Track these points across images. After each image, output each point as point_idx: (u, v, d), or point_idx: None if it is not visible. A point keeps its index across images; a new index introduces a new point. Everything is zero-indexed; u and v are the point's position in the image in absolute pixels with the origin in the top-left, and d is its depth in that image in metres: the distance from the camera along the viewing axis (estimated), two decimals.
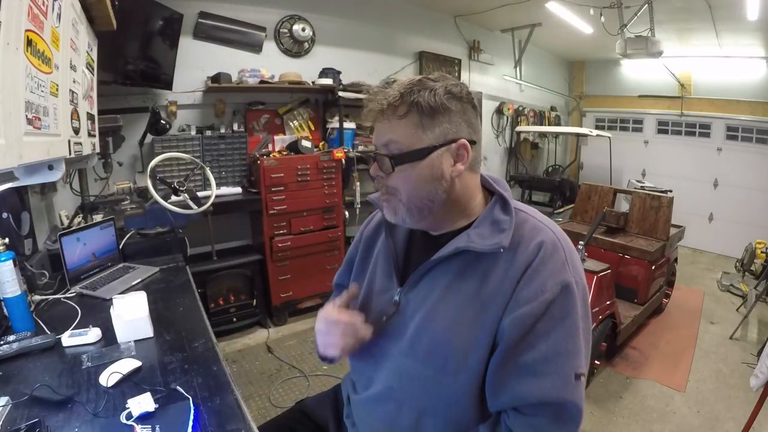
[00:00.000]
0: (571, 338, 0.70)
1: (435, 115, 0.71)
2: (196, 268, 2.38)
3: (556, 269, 0.71)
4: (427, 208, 0.75)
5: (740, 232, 4.58)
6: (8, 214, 1.48)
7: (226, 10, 3.00)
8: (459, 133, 0.73)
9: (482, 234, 0.73)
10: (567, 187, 4.86)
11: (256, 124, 3.22)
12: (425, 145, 0.72)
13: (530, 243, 0.72)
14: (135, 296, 1.23)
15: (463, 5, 4.11)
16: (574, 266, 0.73)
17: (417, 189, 0.74)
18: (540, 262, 0.71)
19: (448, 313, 0.75)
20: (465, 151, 0.73)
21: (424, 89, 0.71)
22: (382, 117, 0.73)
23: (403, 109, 0.71)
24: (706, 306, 3.45)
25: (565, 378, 0.69)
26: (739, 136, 4.94)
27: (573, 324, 0.70)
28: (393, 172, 0.73)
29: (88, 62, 1.52)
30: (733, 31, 4.00)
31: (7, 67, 0.72)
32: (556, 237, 0.74)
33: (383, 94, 0.73)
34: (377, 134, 0.75)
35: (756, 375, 1.62)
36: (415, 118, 0.71)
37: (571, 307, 0.70)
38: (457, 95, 0.73)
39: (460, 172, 0.74)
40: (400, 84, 0.74)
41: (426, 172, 0.73)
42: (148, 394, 0.85)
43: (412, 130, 0.72)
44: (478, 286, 0.73)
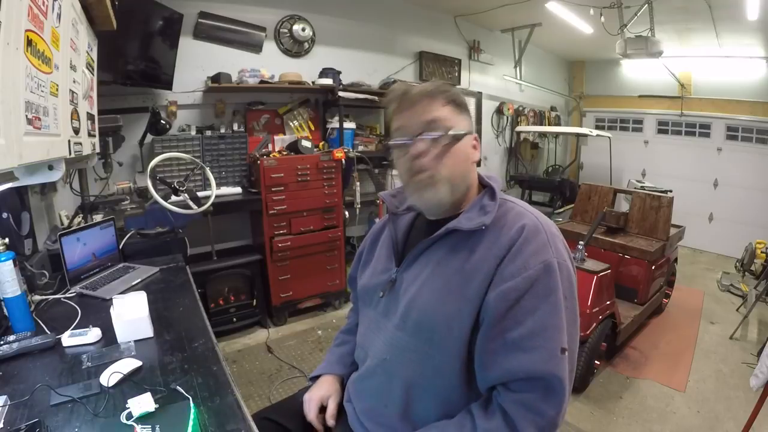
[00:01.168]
0: (556, 314, 0.74)
1: (463, 109, 0.86)
2: (196, 268, 2.38)
3: (538, 249, 0.76)
4: (462, 188, 0.85)
5: (740, 232, 4.58)
6: (8, 214, 1.48)
7: (226, 10, 3.00)
8: (472, 129, 0.87)
9: (470, 217, 0.82)
10: (567, 187, 4.86)
11: (256, 124, 3.22)
12: (464, 130, 0.83)
13: (513, 225, 0.79)
14: (135, 296, 1.23)
15: (463, 5, 4.11)
16: (557, 248, 0.78)
17: (458, 166, 0.83)
18: (523, 241, 0.77)
19: (435, 286, 0.81)
20: (477, 143, 0.87)
21: (452, 88, 0.86)
22: (422, 103, 0.82)
23: (443, 99, 0.83)
24: (706, 306, 3.45)
25: (551, 351, 0.73)
26: (739, 136, 4.94)
27: (557, 301, 0.74)
28: (440, 146, 0.81)
29: (88, 62, 1.52)
30: (733, 31, 4.00)
31: (7, 67, 0.72)
32: (539, 221, 0.80)
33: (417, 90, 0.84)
34: (414, 117, 0.82)
35: (756, 375, 1.62)
36: (453, 108, 0.84)
37: (555, 284, 0.75)
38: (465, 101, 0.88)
39: (477, 159, 0.87)
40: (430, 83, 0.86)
41: (463, 153, 0.83)
42: (148, 394, 0.85)
43: (454, 113, 0.83)
44: (463, 261, 0.80)
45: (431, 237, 0.84)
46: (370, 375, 0.91)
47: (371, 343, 0.93)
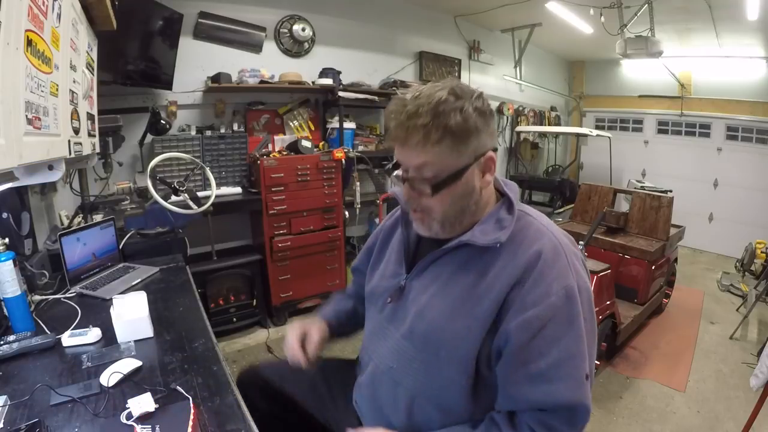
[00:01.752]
0: (581, 341, 0.73)
1: (467, 137, 0.72)
2: (196, 268, 2.37)
3: (559, 274, 0.73)
4: (459, 222, 0.79)
5: (740, 232, 4.58)
6: (8, 214, 1.48)
7: (226, 10, 3.00)
8: (485, 147, 0.75)
9: (485, 230, 0.77)
10: (567, 187, 4.86)
11: (256, 124, 3.22)
12: (460, 167, 0.73)
13: (531, 246, 0.75)
14: (135, 296, 1.23)
15: (463, 5, 4.11)
16: (577, 271, 0.75)
17: (453, 206, 0.77)
18: (543, 266, 0.73)
19: (446, 303, 0.78)
20: (492, 162, 0.76)
21: (454, 110, 0.70)
22: (413, 142, 0.71)
23: (437, 135, 0.70)
24: (706, 306, 3.45)
25: (577, 380, 0.72)
26: (739, 136, 4.94)
27: (580, 326, 0.73)
28: (431, 194, 0.74)
29: (88, 62, 1.52)
30: (733, 31, 4.00)
31: (7, 67, 0.72)
32: (558, 242, 0.76)
33: (407, 116, 0.71)
34: (407, 155, 0.74)
35: (756, 375, 1.62)
36: (449, 143, 0.71)
37: (577, 310, 0.72)
38: (482, 110, 0.73)
39: (488, 183, 0.78)
40: (425, 103, 0.70)
41: (461, 191, 0.75)
42: (148, 394, 0.85)
43: (447, 153, 0.71)
44: (476, 280, 0.76)
45: (443, 248, 0.80)
46: (376, 382, 0.90)
47: (376, 348, 0.91)
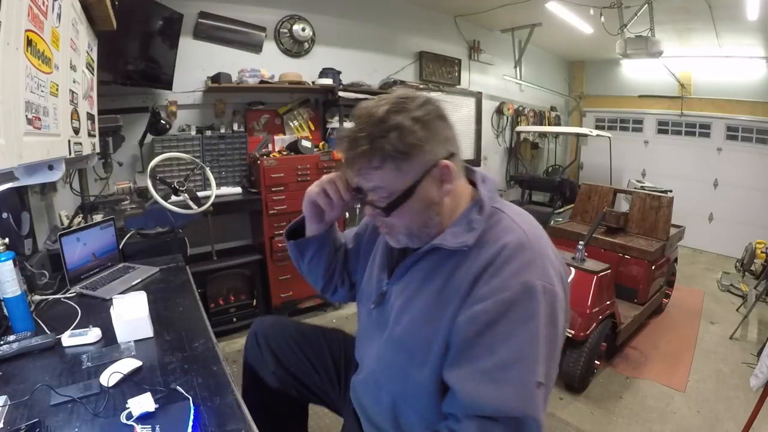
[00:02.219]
0: (534, 343, 0.67)
1: (409, 155, 0.71)
2: (196, 268, 2.37)
3: (519, 268, 0.69)
4: (425, 233, 0.79)
5: (740, 232, 4.58)
6: (8, 214, 1.48)
7: (226, 10, 3.00)
8: (437, 156, 0.73)
9: (455, 233, 0.76)
10: (567, 187, 4.86)
11: (256, 124, 3.22)
12: (409, 185, 0.73)
13: (497, 242, 0.73)
14: (135, 296, 1.23)
15: (463, 5, 4.11)
16: (544, 269, 0.71)
17: (413, 220, 0.77)
18: (503, 260, 0.70)
19: (418, 307, 0.79)
20: (447, 170, 0.74)
21: (392, 131, 0.69)
22: (359, 171, 0.74)
23: (377, 160, 0.71)
24: (706, 306, 3.45)
25: (526, 386, 0.66)
26: (739, 136, 4.94)
27: (536, 328, 0.67)
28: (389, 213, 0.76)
29: (88, 62, 1.52)
30: (733, 31, 4.00)
31: (7, 67, 0.72)
32: (526, 237, 0.73)
33: (349, 143, 0.72)
34: (359, 180, 0.76)
35: (756, 375, 1.62)
36: (391, 165, 0.71)
37: (535, 309, 0.67)
38: (424, 119, 0.71)
39: (449, 191, 0.76)
40: (364, 126, 0.71)
41: (417, 205, 0.75)
42: (148, 394, 0.85)
43: (391, 176, 0.72)
44: (444, 283, 0.76)
45: (417, 252, 0.81)
46: (364, 383, 0.92)
47: (365, 350, 0.94)
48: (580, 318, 2.13)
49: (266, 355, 1.10)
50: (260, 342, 1.13)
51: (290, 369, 1.10)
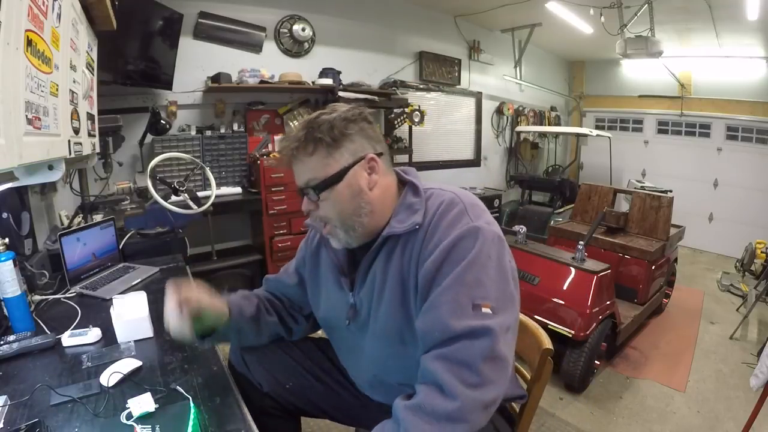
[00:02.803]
0: (470, 270, 0.73)
1: (338, 143, 0.80)
2: (196, 268, 2.38)
3: (453, 220, 0.78)
4: (359, 223, 0.83)
5: (740, 232, 4.58)
6: (8, 214, 1.48)
7: (226, 10, 3.00)
8: (365, 150, 0.83)
9: (401, 219, 0.83)
10: (567, 187, 4.86)
11: (256, 124, 3.22)
12: (338, 169, 0.80)
13: (431, 208, 0.81)
14: (135, 296, 1.23)
15: (463, 5, 4.11)
16: (475, 214, 0.79)
17: (344, 209, 0.82)
18: (438, 217, 0.79)
19: (388, 295, 0.83)
20: (375, 162, 0.83)
21: (322, 123, 0.80)
22: (296, 159, 0.82)
23: (310, 147, 0.80)
24: (706, 306, 3.45)
25: (461, 305, 0.71)
26: (739, 136, 4.94)
27: (474, 258, 0.73)
28: (320, 201, 0.82)
29: (88, 62, 1.52)
30: (733, 31, 4.00)
31: (7, 67, 0.72)
32: (455, 195, 0.82)
33: (289, 139, 0.82)
34: (297, 176, 0.84)
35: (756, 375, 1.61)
36: (322, 151, 0.80)
37: (471, 245, 0.74)
38: (352, 118, 0.82)
39: (376, 182, 0.83)
40: (301, 124, 0.82)
41: (346, 192, 0.81)
42: (148, 394, 0.85)
43: (322, 161, 0.81)
44: (400, 262, 0.82)
45: (371, 250, 0.85)
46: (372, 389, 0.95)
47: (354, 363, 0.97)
48: (580, 318, 2.13)
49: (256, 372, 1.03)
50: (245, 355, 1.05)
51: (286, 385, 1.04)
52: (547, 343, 0.96)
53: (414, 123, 4.04)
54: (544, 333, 1.00)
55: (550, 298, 2.26)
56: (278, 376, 1.04)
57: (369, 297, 0.87)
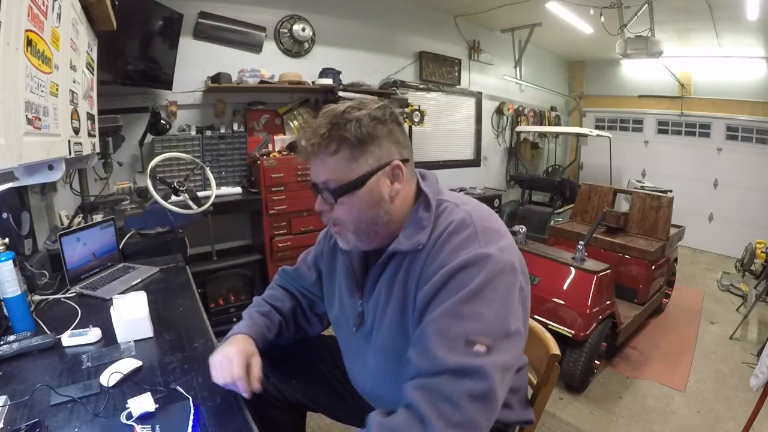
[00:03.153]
0: (470, 302, 0.67)
1: (364, 145, 0.75)
2: (196, 268, 2.38)
3: (460, 243, 0.72)
4: (374, 231, 0.80)
5: (740, 232, 4.58)
6: (8, 214, 1.48)
7: (226, 10, 3.00)
8: (391, 156, 0.77)
9: (408, 234, 0.78)
10: (567, 187, 4.86)
11: (256, 124, 3.22)
12: (361, 174, 0.75)
13: (441, 226, 0.76)
14: (135, 296, 1.23)
15: (463, 5, 4.11)
16: (486, 239, 0.73)
17: (361, 216, 0.78)
18: (445, 238, 0.74)
19: (390, 313, 0.81)
20: (399, 170, 0.78)
21: (349, 121, 0.73)
22: (315, 155, 0.76)
23: (333, 145, 0.74)
24: (706, 306, 3.45)
25: (452, 339, 0.66)
26: (739, 136, 4.94)
27: (477, 290, 0.68)
28: (336, 204, 0.78)
29: (88, 62, 1.52)
30: (733, 31, 4.00)
31: (7, 67, 0.72)
32: (469, 214, 0.76)
33: (311, 131, 0.75)
34: (314, 172, 0.79)
35: (756, 375, 1.61)
36: (345, 153, 0.75)
37: (476, 274, 0.69)
38: (382, 119, 0.76)
39: (398, 191, 0.79)
40: (326, 117, 0.76)
41: (366, 199, 0.77)
42: (148, 394, 0.84)
43: (345, 163, 0.75)
44: (403, 280, 0.79)
45: (378, 263, 0.82)
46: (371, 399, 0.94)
47: (355, 368, 0.95)
48: (580, 318, 2.13)
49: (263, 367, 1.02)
50: None
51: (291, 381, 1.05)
52: (555, 348, 0.96)
53: (414, 123, 4.04)
54: (552, 338, 0.99)
55: (550, 298, 2.26)
56: (284, 370, 1.05)
57: (374, 309, 0.85)
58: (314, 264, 1.04)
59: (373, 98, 0.80)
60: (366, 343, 0.88)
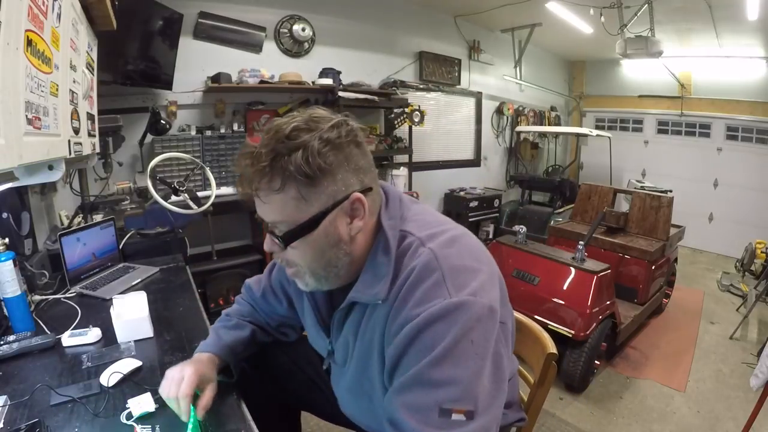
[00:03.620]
0: (440, 365, 0.59)
1: (314, 180, 0.62)
2: (196, 268, 2.38)
3: (425, 293, 0.62)
4: (334, 274, 0.70)
5: (740, 232, 4.58)
6: (8, 214, 1.48)
7: (226, 10, 3.00)
8: (349, 188, 0.65)
9: (366, 282, 0.69)
10: (567, 187, 4.86)
11: (256, 124, 3.22)
12: (312, 215, 0.64)
13: (403, 271, 0.65)
14: (135, 296, 1.23)
15: (463, 5, 4.11)
16: (459, 284, 0.62)
17: (316, 259, 0.68)
18: (406, 290, 0.63)
19: (359, 355, 0.75)
20: (360, 204, 0.66)
21: (296, 149, 0.60)
22: (255, 190, 0.64)
23: (277, 182, 0.61)
24: (706, 306, 3.45)
25: (422, 410, 0.59)
26: (739, 136, 4.94)
27: (448, 350, 0.59)
28: (287, 248, 0.68)
29: (88, 62, 1.52)
30: (733, 31, 4.00)
31: (7, 67, 0.72)
32: (433, 255, 0.64)
33: (254, 161, 0.62)
34: (260, 210, 0.67)
35: (756, 375, 1.61)
36: (292, 191, 0.62)
37: (446, 331, 0.59)
38: (335, 142, 0.62)
39: (359, 229, 0.67)
40: (267, 141, 0.62)
41: (322, 241, 0.66)
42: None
43: (293, 203, 0.63)
44: (372, 334, 0.71)
45: (340, 308, 0.75)
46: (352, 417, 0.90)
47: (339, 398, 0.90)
48: (580, 318, 2.13)
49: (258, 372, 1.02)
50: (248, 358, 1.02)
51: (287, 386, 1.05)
52: (552, 347, 0.96)
53: (414, 123, 4.04)
54: (549, 337, 0.98)
55: (550, 298, 2.26)
56: (278, 376, 1.04)
57: (343, 349, 0.79)
58: (282, 292, 0.96)
59: (324, 113, 0.66)
60: (340, 376, 0.84)
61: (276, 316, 1.01)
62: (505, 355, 0.70)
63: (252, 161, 0.62)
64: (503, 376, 0.66)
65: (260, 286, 1.01)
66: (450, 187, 4.64)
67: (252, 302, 1.03)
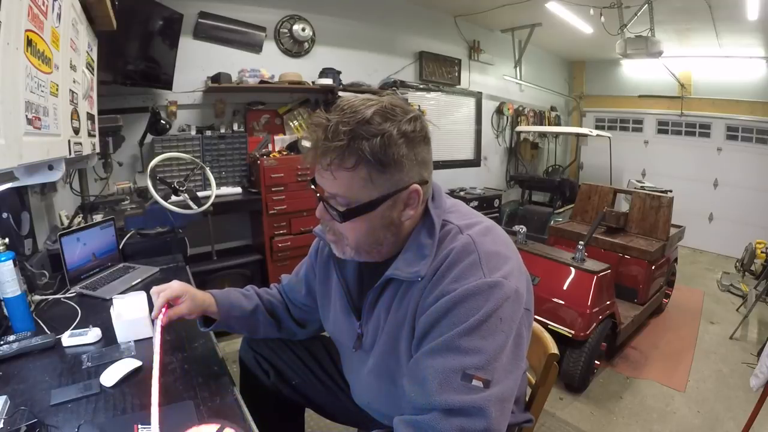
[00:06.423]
0: (471, 335, 0.64)
1: (386, 168, 0.66)
2: (196, 268, 2.38)
3: (463, 272, 0.67)
4: (376, 250, 0.75)
5: (740, 232, 4.58)
6: (8, 214, 1.48)
7: (226, 10, 3.00)
8: (411, 179, 0.69)
9: (407, 260, 0.73)
10: (567, 187, 4.86)
11: (256, 124, 3.22)
12: (374, 198, 0.68)
13: (442, 252, 0.71)
14: (135, 296, 1.23)
15: (463, 5, 4.11)
16: (491, 267, 0.67)
17: (366, 236, 0.73)
18: (446, 267, 0.69)
19: (389, 335, 0.78)
20: (416, 195, 0.71)
21: (375, 135, 0.64)
22: (327, 165, 0.66)
23: (351, 160, 0.65)
24: (706, 306, 3.45)
25: (445, 375, 0.63)
26: (739, 136, 4.94)
27: (481, 322, 0.64)
28: (341, 222, 0.71)
29: (88, 62, 1.52)
30: (733, 31, 4.00)
31: (7, 67, 0.72)
32: (472, 240, 0.70)
33: (327, 132, 0.65)
34: (322, 176, 0.70)
35: (756, 375, 1.61)
36: (363, 172, 0.66)
37: (482, 306, 0.65)
38: (410, 135, 0.67)
39: (410, 217, 0.73)
40: (347, 121, 0.64)
41: (376, 222, 0.71)
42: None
43: (359, 183, 0.67)
44: (399, 308, 0.76)
45: (375, 286, 0.78)
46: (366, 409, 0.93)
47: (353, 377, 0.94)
48: (580, 318, 2.13)
49: (263, 365, 1.06)
50: (255, 348, 1.09)
51: (291, 382, 1.06)
52: (553, 348, 0.96)
53: None
54: (550, 338, 0.99)
55: (550, 298, 2.26)
56: (285, 372, 1.06)
57: (373, 330, 0.82)
58: (304, 280, 1.01)
59: (402, 103, 0.69)
60: (364, 362, 0.86)
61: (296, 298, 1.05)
62: (526, 338, 0.74)
63: (328, 135, 0.64)
64: (521, 354, 0.71)
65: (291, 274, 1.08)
66: (450, 187, 4.65)
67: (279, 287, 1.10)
